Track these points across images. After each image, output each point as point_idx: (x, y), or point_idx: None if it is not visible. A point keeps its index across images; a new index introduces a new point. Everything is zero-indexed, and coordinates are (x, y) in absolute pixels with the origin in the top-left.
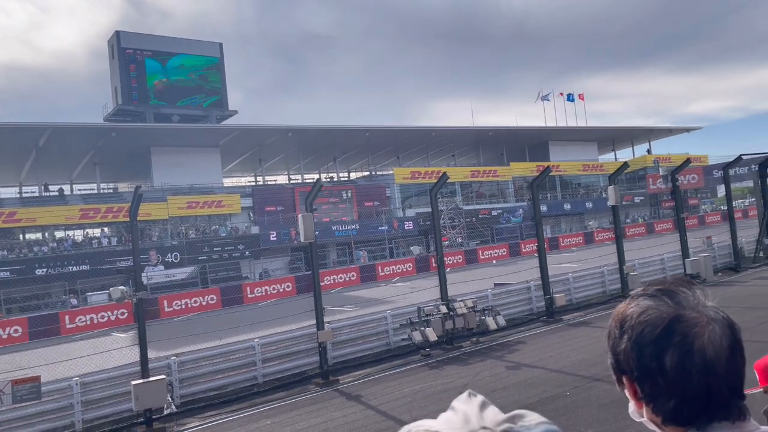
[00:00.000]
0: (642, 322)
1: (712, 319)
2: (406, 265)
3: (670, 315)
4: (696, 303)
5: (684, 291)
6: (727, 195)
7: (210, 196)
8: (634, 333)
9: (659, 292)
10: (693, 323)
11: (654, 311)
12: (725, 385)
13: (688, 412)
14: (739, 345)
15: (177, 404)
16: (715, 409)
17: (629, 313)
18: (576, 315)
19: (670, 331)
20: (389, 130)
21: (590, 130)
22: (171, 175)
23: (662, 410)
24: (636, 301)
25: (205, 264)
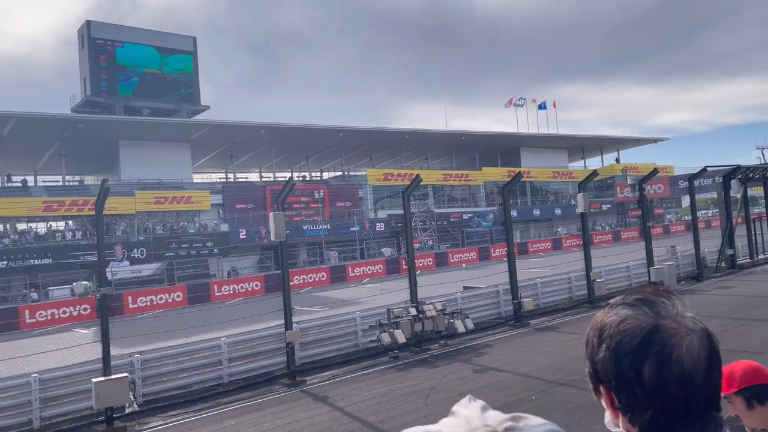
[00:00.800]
0: (621, 332)
1: (691, 329)
2: (376, 266)
3: (649, 325)
4: (675, 313)
5: (663, 301)
6: (691, 205)
7: (179, 192)
8: (613, 342)
9: (638, 302)
10: (671, 333)
11: (633, 321)
12: (702, 397)
13: (665, 423)
14: (717, 356)
15: (139, 403)
16: (692, 420)
17: (608, 322)
18: (543, 320)
19: (648, 341)
20: (363, 131)
21: (561, 137)
22: (139, 169)
23: (639, 421)
24: (615, 310)
25: (172, 261)
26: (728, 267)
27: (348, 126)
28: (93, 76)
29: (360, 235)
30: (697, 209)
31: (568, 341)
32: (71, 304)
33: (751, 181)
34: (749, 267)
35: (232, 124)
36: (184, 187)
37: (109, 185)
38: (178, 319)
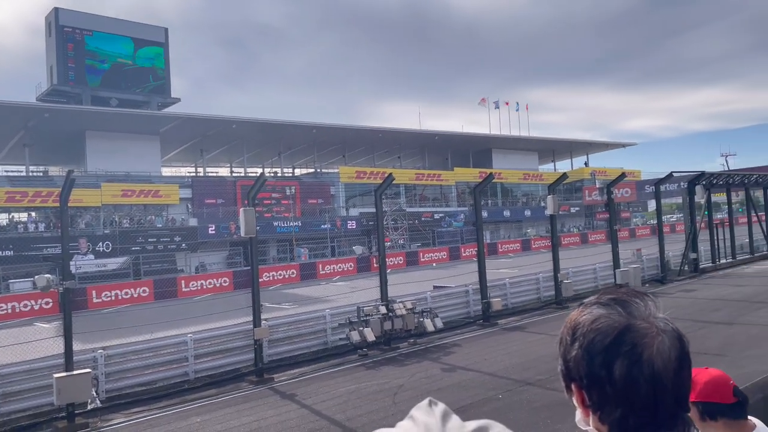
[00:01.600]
0: (593, 330)
1: (662, 330)
2: (347, 264)
3: (621, 324)
4: (647, 314)
5: (636, 301)
6: (657, 210)
7: (147, 185)
8: (585, 341)
9: (612, 301)
10: (643, 333)
11: (606, 320)
12: (671, 397)
13: (633, 421)
14: (687, 358)
15: (102, 399)
16: (661, 420)
17: (581, 320)
18: (511, 319)
19: (620, 341)
20: (336, 128)
21: (532, 140)
22: (106, 161)
23: (609, 419)
24: (589, 309)
25: (138, 255)
26: (691, 271)
27: (321, 123)
28: (60, 65)
29: (331, 232)
30: (663, 214)
31: (536, 341)
32: (33, 298)
33: (715, 188)
34: (711, 271)
35: (203, 117)
36: (152, 180)
37: (75, 176)
38: (144, 314)
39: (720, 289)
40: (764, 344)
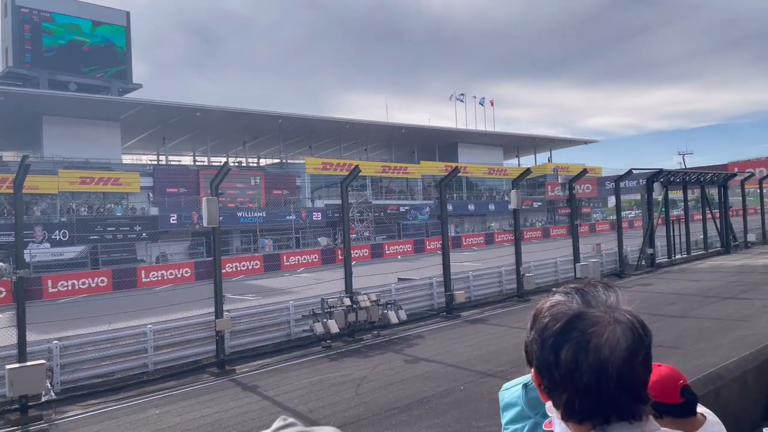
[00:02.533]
0: (547, 316)
1: (617, 320)
2: (312, 255)
3: (574, 311)
4: (608, 304)
5: (597, 292)
6: (617, 206)
7: (107, 173)
8: (540, 325)
9: (573, 290)
10: (594, 322)
11: (561, 306)
12: (616, 386)
13: (579, 407)
14: (641, 349)
15: (57, 391)
16: (607, 408)
17: (543, 306)
18: (474, 312)
19: (570, 327)
20: (303, 119)
21: (497, 135)
22: (64, 147)
23: (557, 404)
24: (552, 297)
25: (96, 244)
26: (648, 265)
27: (287, 113)
28: (16, 47)
29: (296, 223)
30: (622, 210)
31: (497, 333)
32: None
33: (672, 185)
34: (667, 266)
35: (166, 104)
36: (112, 167)
37: (30, 162)
38: (102, 304)
39: (675, 284)
40: (716, 337)
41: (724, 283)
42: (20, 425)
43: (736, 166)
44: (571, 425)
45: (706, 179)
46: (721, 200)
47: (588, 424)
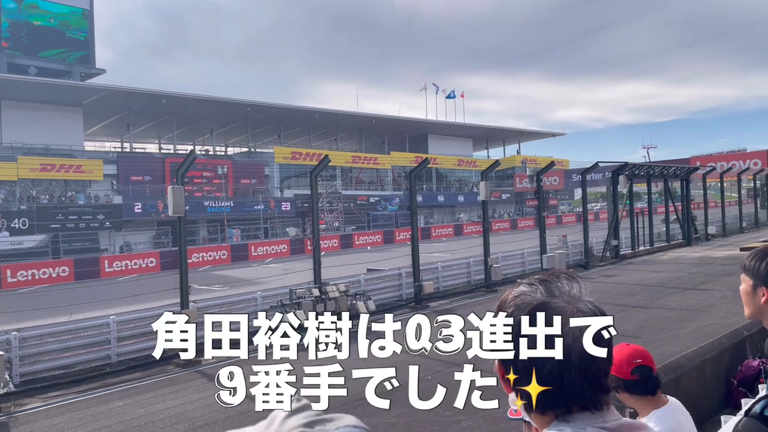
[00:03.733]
0: (511, 305)
1: (580, 310)
2: (280, 246)
3: (538, 301)
4: (571, 295)
5: (561, 283)
6: (583, 198)
7: (68, 160)
8: (505, 314)
9: (537, 281)
10: (558, 311)
11: (525, 297)
12: (578, 375)
13: (541, 397)
14: (604, 340)
15: (16, 383)
16: (569, 397)
17: (509, 297)
18: (442, 302)
19: (534, 316)
20: (271, 107)
21: (467, 126)
22: (24, 132)
23: (521, 395)
24: (518, 288)
25: (57, 233)
26: (612, 257)
27: (256, 101)
28: None
29: (265, 213)
30: (588, 202)
31: None
32: None
33: (637, 178)
34: (631, 257)
35: (130, 90)
36: (74, 154)
37: None
38: (63, 294)
39: (638, 275)
40: (676, 327)
41: (684, 274)
42: None
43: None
44: (534, 416)
45: (670, 173)
46: (684, 193)
47: (551, 414)
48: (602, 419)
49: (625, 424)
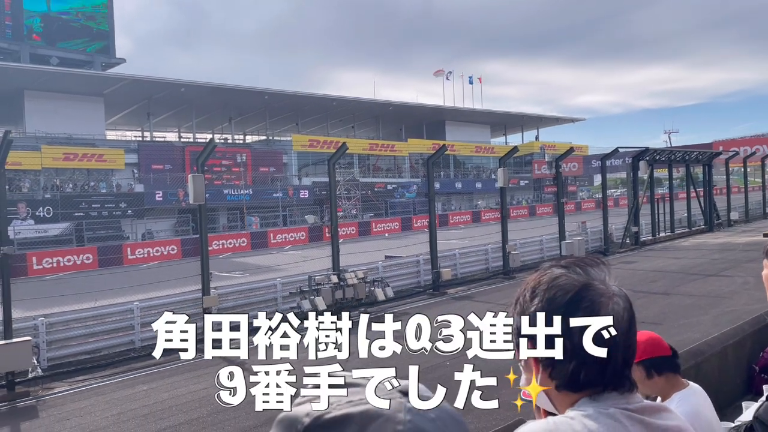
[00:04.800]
0: (554, 287)
1: (616, 293)
2: (299, 233)
3: (581, 282)
4: (603, 277)
5: (592, 266)
6: (602, 184)
7: (90, 149)
8: (547, 296)
9: (571, 264)
10: (600, 293)
11: (567, 278)
12: (621, 356)
13: (584, 377)
14: (635, 321)
15: (44, 368)
16: (609, 378)
17: (543, 280)
18: (460, 289)
19: (580, 297)
20: (289, 95)
21: (485, 113)
22: (47, 122)
23: (560, 374)
24: (549, 271)
25: (81, 221)
26: (632, 243)
27: (274, 89)
28: None
29: (283, 201)
30: (608, 188)
31: (483, 310)
32: None
33: (658, 163)
34: (651, 244)
35: (150, 79)
36: (96, 144)
37: (12, 138)
38: (88, 281)
39: (658, 261)
40: (697, 313)
41: (706, 260)
42: (7, 401)
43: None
44: (564, 394)
45: (691, 158)
46: (706, 179)
47: (583, 393)
48: (626, 401)
49: (647, 405)
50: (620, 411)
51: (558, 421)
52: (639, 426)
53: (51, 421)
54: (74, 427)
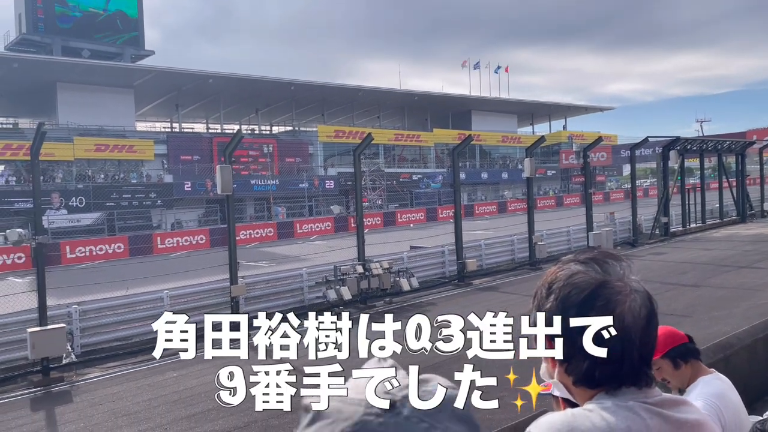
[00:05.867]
0: (570, 284)
1: (635, 290)
2: (324, 223)
3: (597, 281)
4: (622, 274)
5: (612, 262)
6: (631, 174)
7: (121, 140)
8: (562, 293)
9: (590, 260)
10: (617, 291)
11: (583, 276)
12: (637, 353)
13: (599, 373)
14: (655, 318)
15: (77, 354)
16: (625, 374)
17: (559, 275)
18: (485, 280)
19: (595, 295)
20: (315, 86)
21: (512, 102)
22: (78, 114)
23: (575, 371)
24: (567, 266)
25: (112, 211)
26: (662, 234)
27: (300, 80)
28: (29, 13)
29: (309, 191)
30: (637, 178)
31: (508, 301)
32: (5, 252)
33: (689, 153)
34: (681, 235)
35: (179, 71)
36: (126, 135)
37: (46, 129)
38: (119, 270)
39: (689, 253)
40: (728, 306)
41: (738, 252)
42: (42, 386)
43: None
44: (581, 389)
45: (724, 147)
46: (739, 168)
47: (600, 389)
48: (644, 395)
49: (666, 399)
50: (639, 404)
51: (577, 413)
52: (657, 419)
53: (84, 406)
54: (106, 411)
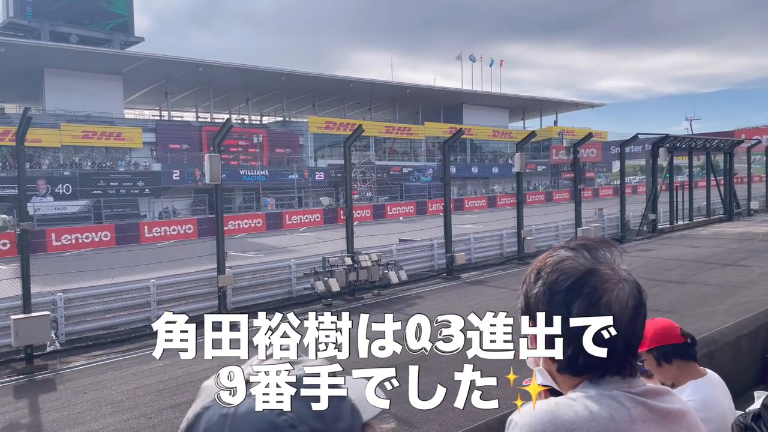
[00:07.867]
0: (557, 270)
1: (624, 279)
2: (314, 215)
3: (585, 267)
4: (612, 262)
5: (603, 249)
6: (621, 171)
7: (109, 127)
8: (549, 279)
9: (580, 247)
10: (605, 279)
11: (571, 262)
12: (622, 342)
13: (583, 361)
14: (643, 308)
15: (62, 342)
16: (609, 362)
17: (548, 261)
18: (474, 274)
19: (582, 282)
20: (306, 76)
21: (503, 97)
22: (66, 100)
23: (558, 357)
24: (557, 252)
25: (99, 198)
26: (650, 231)
27: (291, 70)
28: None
29: (299, 183)
30: (627, 175)
31: (495, 294)
32: None
33: (678, 151)
34: (668, 232)
35: (169, 59)
36: (114, 122)
37: (32, 115)
38: (106, 258)
39: (675, 250)
40: (713, 303)
41: (724, 249)
42: (26, 374)
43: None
44: (565, 377)
45: (712, 146)
46: (726, 167)
47: (584, 377)
48: (628, 384)
49: (650, 389)
50: (623, 393)
51: (560, 402)
52: (641, 408)
53: (68, 394)
54: (90, 400)
